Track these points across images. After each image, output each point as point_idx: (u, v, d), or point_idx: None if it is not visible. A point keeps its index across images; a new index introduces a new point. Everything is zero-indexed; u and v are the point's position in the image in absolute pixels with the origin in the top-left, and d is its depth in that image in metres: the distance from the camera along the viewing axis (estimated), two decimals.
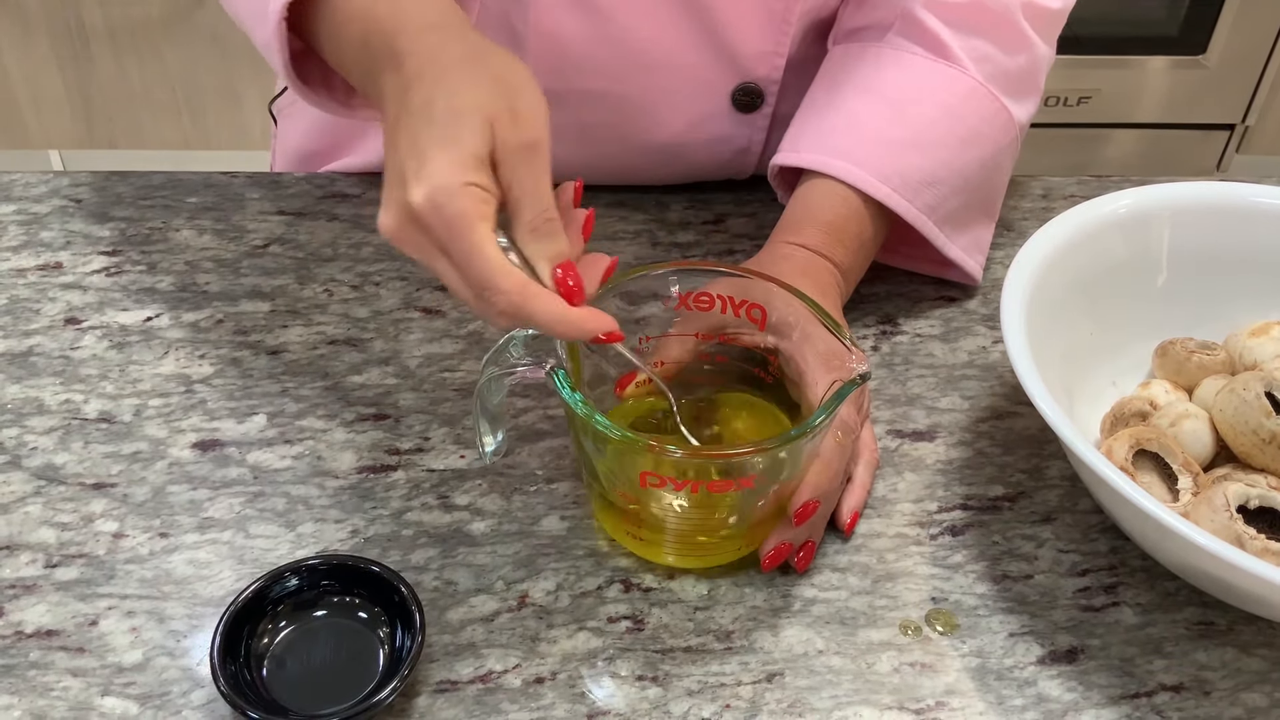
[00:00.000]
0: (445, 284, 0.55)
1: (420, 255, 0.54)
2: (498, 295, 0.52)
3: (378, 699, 0.54)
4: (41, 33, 1.95)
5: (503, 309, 0.53)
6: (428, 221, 0.52)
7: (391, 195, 0.54)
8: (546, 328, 0.53)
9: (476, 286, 0.53)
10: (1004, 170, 0.80)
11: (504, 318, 0.53)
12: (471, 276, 0.52)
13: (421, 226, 0.53)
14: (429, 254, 0.54)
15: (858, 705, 0.58)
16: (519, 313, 0.52)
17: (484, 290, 0.52)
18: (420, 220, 0.52)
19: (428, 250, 0.54)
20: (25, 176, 0.87)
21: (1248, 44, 1.91)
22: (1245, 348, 0.70)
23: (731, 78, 0.81)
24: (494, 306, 0.53)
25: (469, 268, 0.52)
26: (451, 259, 0.53)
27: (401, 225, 0.53)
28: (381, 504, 0.66)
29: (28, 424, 0.69)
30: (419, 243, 0.54)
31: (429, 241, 0.53)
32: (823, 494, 0.61)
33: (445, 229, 0.52)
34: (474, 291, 0.53)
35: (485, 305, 0.53)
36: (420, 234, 0.53)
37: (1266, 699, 0.59)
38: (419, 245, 0.54)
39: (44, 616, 0.60)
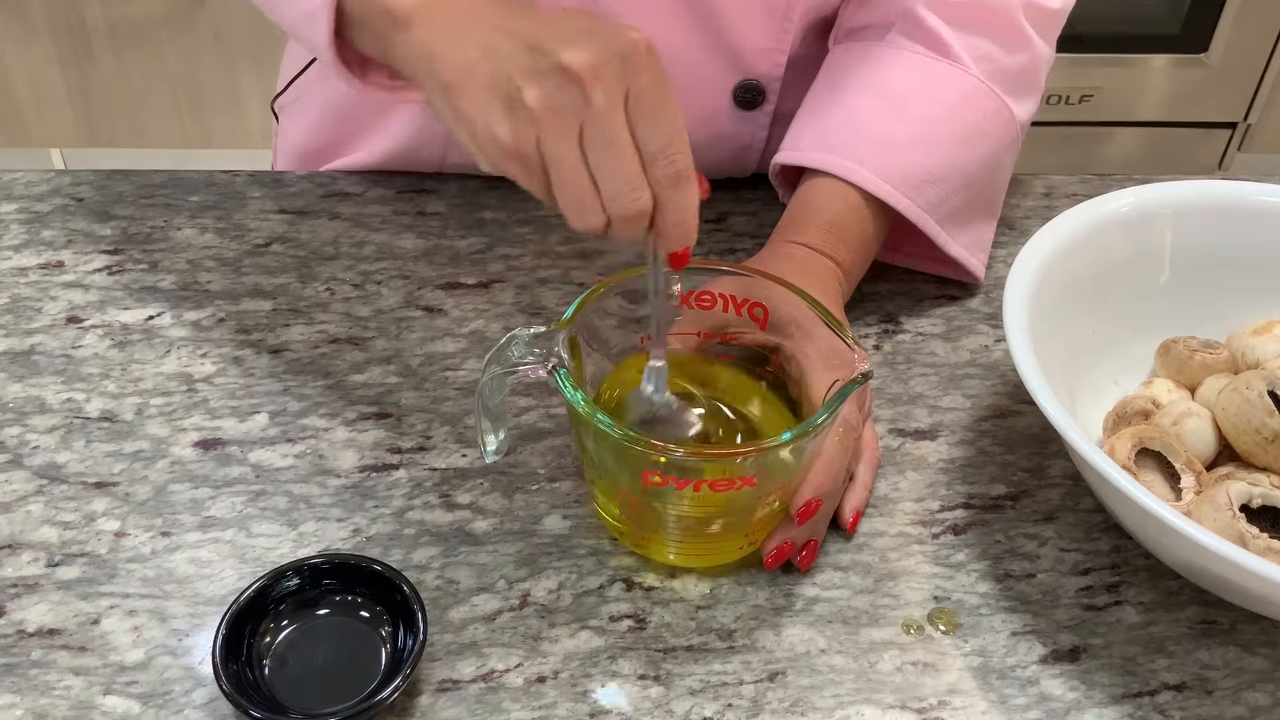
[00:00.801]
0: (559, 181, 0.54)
1: (606, 97, 0.52)
2: (677, 150, 0.53)
3: (380, 698, 0.54)
4: (43, 31, 1.95)
5: (676, 171, 0.53)
6: (644, 63, 0.52)
7: (601, 34, 0.52)
8: (679, 218, 0.54)
9: (666, 135, 0.52)
10: (1005, 168, 0.80)
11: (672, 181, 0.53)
12: (664, 123, 0.52)
13: (633, 67, 0.52)
14: (613, 101, 0.52)
15: (860, 704, 0.58)
16: (682, 180, 0.53)
17: (672, 139, 0.52)
18: (638, 60, 0.52)
19: (614, 96, 0.52)
20: (27, 175, 0.87)
21: (1249, 42, 1.91)
22: (1248, 346, 0.70)
23: (733, 75, 0.81)
24: (670, 165, 0.53)
25: (664, 113, 0.52)
26: (642, 111, 0.52)
27: (611, 60, 0.52)
28: (383, 503, 0.66)
29: (29, 423, 0.69)
30: (612, 84, 0.52)
31: (621, 86, 0.52)
32: (825, 493, 0.61)
33: (659, 73, 0.52)
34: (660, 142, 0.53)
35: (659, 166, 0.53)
36: (623, 74, 0.52)
37: (1269, 698, 0.59)
38: (612, 86, 0.52)
39: (46, 615, 0.60)
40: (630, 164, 0.53)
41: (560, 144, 0.53)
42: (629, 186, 0.53)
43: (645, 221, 0.54)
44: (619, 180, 0.53)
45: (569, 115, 0.52)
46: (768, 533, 0.62)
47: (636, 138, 0.53)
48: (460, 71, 0.55)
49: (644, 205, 0.54)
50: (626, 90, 0.52)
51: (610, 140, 0.53)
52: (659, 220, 0.55)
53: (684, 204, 0.54)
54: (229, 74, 2.00)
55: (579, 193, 0.54)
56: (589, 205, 0.54)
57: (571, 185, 0.54)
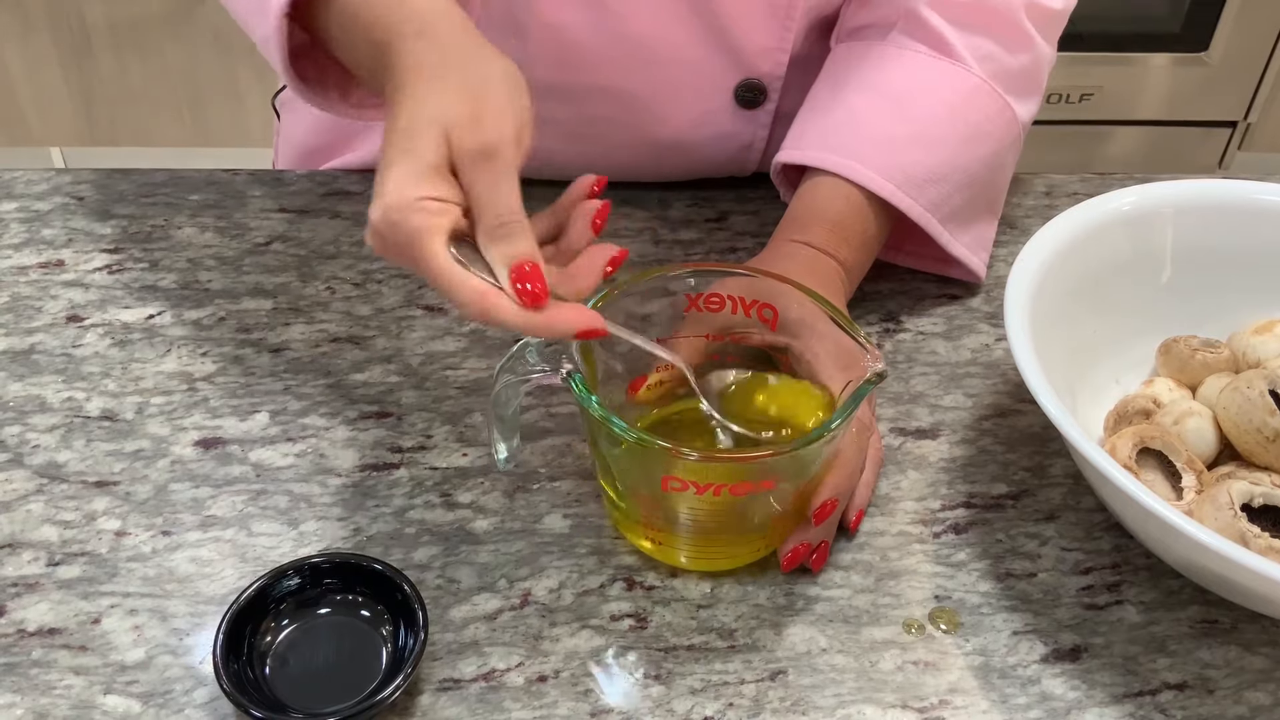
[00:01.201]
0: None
1: (398, 263, 0.55)
2: (461, 307, 0.53)
3: (380, 697, 0.54)
4: (43, 30, 1.94)
5: (470, 317, 0.54)
6: (387, 237, 0.53)
7: (369, 212, 0.55)
8: (519, 330, 0.53)
9: (443, 297, 0.54)
10: (1007, 168, 0.80)
11: (480, 322, 0.54)
12: (435, 288, 0.53)
13: (386, 242, 0.54)
14: (404, 266, 0.55)
15: (861, 704, 0.58)
16: (486, 320, 0.53)
17: (449, 300, 0.53)
18: (382, 236, 0.53)
19: (401, 263, 0.54)
20: (27, 174, 0.86)
21: (1250, 41, 1.91)
22: (1249, 345, 0.70)
23: (735, 74, 0.80)
24: (465, 316, 0.54)
25: (429, 281, 0.53)
26: (416, 272, 0.54)
27: (372, 241, 0.54)
28: (384, 502, 0.66)
29: (30, 422, 0.69)
30: (391, 256, 0.54)
31: (397, 256, 0.54)
32: (841, 493, 0.61)
33: (402, 244, 0.53)
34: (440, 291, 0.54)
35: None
36: (387, 249, 0.54)
37: (1270, 697, 0.59)
38: (392, 258, 0.55)
39: (46, 615, 0.60)
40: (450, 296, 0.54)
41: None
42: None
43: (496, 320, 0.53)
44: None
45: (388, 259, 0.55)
46: (782, 535, 0.62)
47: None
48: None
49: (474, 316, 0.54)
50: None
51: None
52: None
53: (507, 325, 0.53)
54: (229, 72, 2.00)
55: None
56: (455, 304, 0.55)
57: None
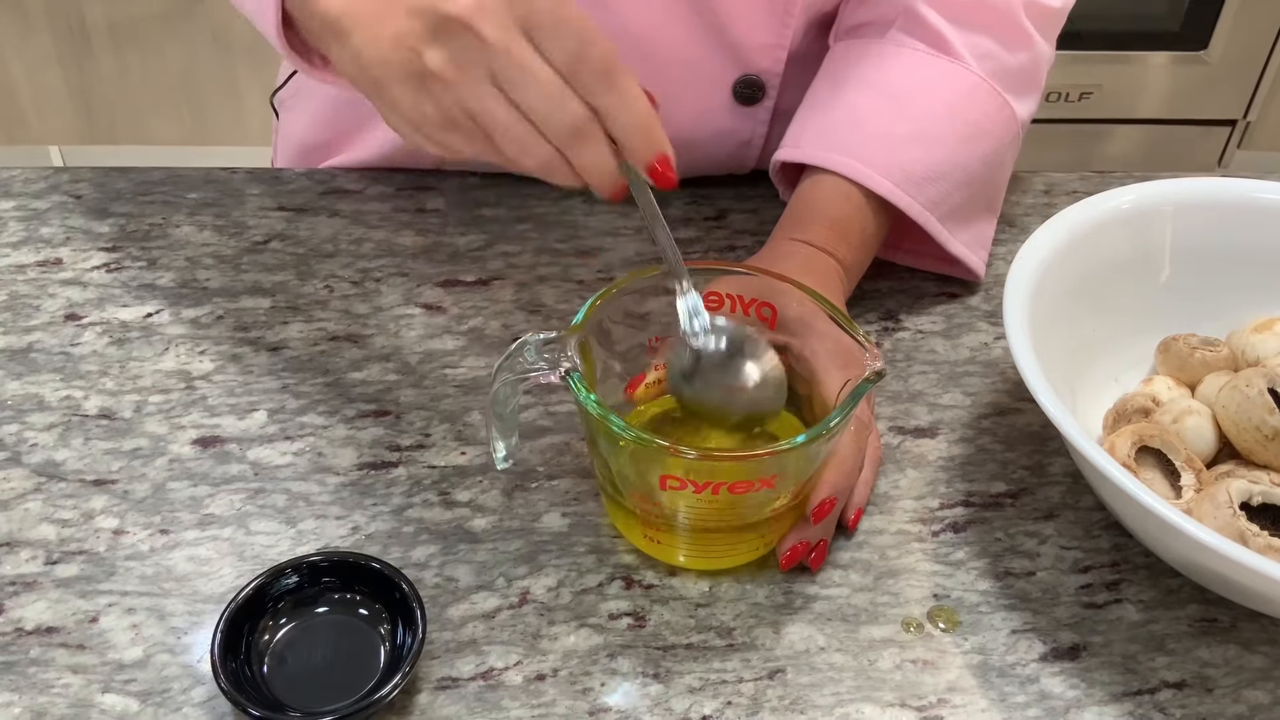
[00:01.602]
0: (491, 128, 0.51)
1: (498, 29, 0.50)
2: (599, 50, 0.50)
3: (379, 696, 0.54)
4: (42, 29, 1.94)
5: (601, 71, 0.50)
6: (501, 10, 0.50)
7: (415, 29, 0.51)
8: (633, 114, 0.51)
9: (574, 41, 0.50)
10: (1006, 166, 0.80)
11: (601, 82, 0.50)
12: (568, 29, 0.50)
13: (476, 33, 0.50)
14: (507, 32, 0.50)
15: (859, 702, 0.58)
16: (613, 78, 0.50)
17: (583, 44, 0.50)
18: (483, 17, 0.50)
19: (506, 26, 0.50)
20: (25, 172, 0.86)
21: (1249, 40, 1.91)
22: (1248, 344, 0.70)
23: (733, 70, 0.80)
24: (590, 68, 0.50)
25: (563, 21, 0.50)
26: (543, 30, 0.50)
27: (444, 43, 0.51)
28: (382, 500, 0.66)
29: (28, 420, 0.69)
30: (500, 15, 0.50)
31: (510, 13, 0.50)
32: (840, 491, 0.61)
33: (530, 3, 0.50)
34: (570, 49, 0.50)
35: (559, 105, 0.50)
36: (472, 50, 0.50)
37: (1269, 696, 0.59)
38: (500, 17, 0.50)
39: (44, 613, 0.60)
40: (546, 81, 0.50)
41: (475, 97, 0.51)
42: (552, 102, 0.51)
43: (590, 140, 0.51)
44: (540, 101, 0.51)
45: (472, 64, 0.51)
46: (781, 534, 0.62)
47: (548, 57, 0.51)
48: (381, 65, 0.53)
49: (575, 116, 0.51)
50: (518, 16, 0.50)
51: (519, 67, 0.50)
52: (613, 132, 0.52)
53: (627, 104, 0.51)
54: (228, 71, 2.00)
55: (515, 133, 0.51)
56: (530, 142, 0.52)
57: (506, 130, 0.51)
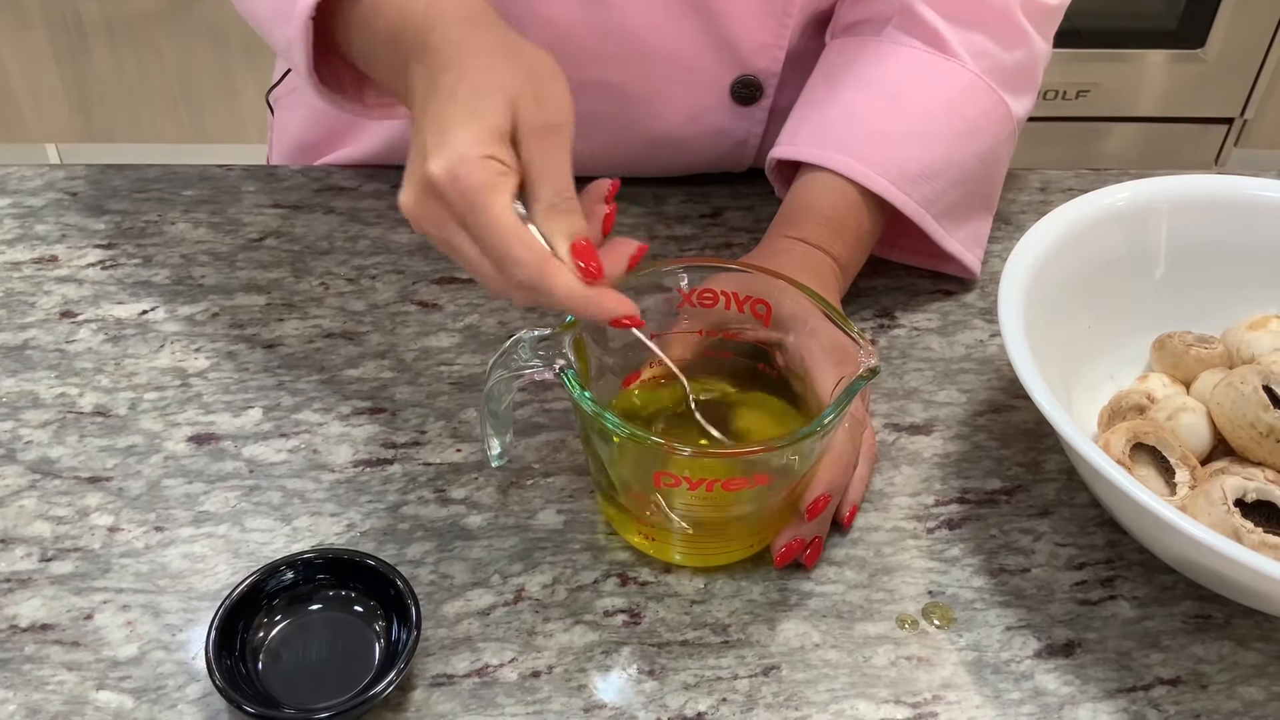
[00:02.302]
0: (464, 264, 0.54)
1: (438, 231, 0.53)
2: (516, 267, 0.52)
3: (374, 693, 0.54)
4: (39, 26, 1.94)
5: (521, 280, 0.52)
6: (446, 193, 0.52)
7: (412, 171, 0.53)
8: (565, 303, 0.53)
9: (496, 258, 0.52)
10: (1002, 164, 0.80)
11: (523, 291, 0.53)
12: (490, 247, 0.52)
13: (440, 199, 0.52)
14: (447, 229, 0.53)
15: (854, 699, 0.58)
16: (538, 284, 0.52)
17: (503, 261, 0.52)
18: (439, 192, 0.52)
19: (446, 225, 0.53)
20: (20, 169, 0.86)
21: (1246, 38, 1.91)
22: (1243, 341, 0.70)
23: (731, 70, 0.80)
24: (513, 278, 0.52)
25: (487, 238, 0.52)
26: (470, 231, 0.52)
27: (420, 199, 0.53)
28: (377, 498, 0.66)
29: (23, 417, 0.69)
30: (437, 217, 0.53)
31: (447, 215, 0.53)
32: (835, 488, 0.61)
33: (463, 199, 0.52)
34: (493, 264, 0.53)
35: (504, 279, 0.53)
36: (439, 207, 0.53)
37: (1264, 692, 0.59)
38: (437, 220, 0.53)
39: (39, 610, 0.60)
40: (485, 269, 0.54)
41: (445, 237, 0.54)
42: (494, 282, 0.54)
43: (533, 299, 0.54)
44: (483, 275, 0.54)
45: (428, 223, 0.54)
46: (776, 531, 0.62)
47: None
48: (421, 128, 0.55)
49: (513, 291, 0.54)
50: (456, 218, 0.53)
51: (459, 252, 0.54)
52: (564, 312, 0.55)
53: (564, 300, 0.53)
54: (224, 68, 2.00)
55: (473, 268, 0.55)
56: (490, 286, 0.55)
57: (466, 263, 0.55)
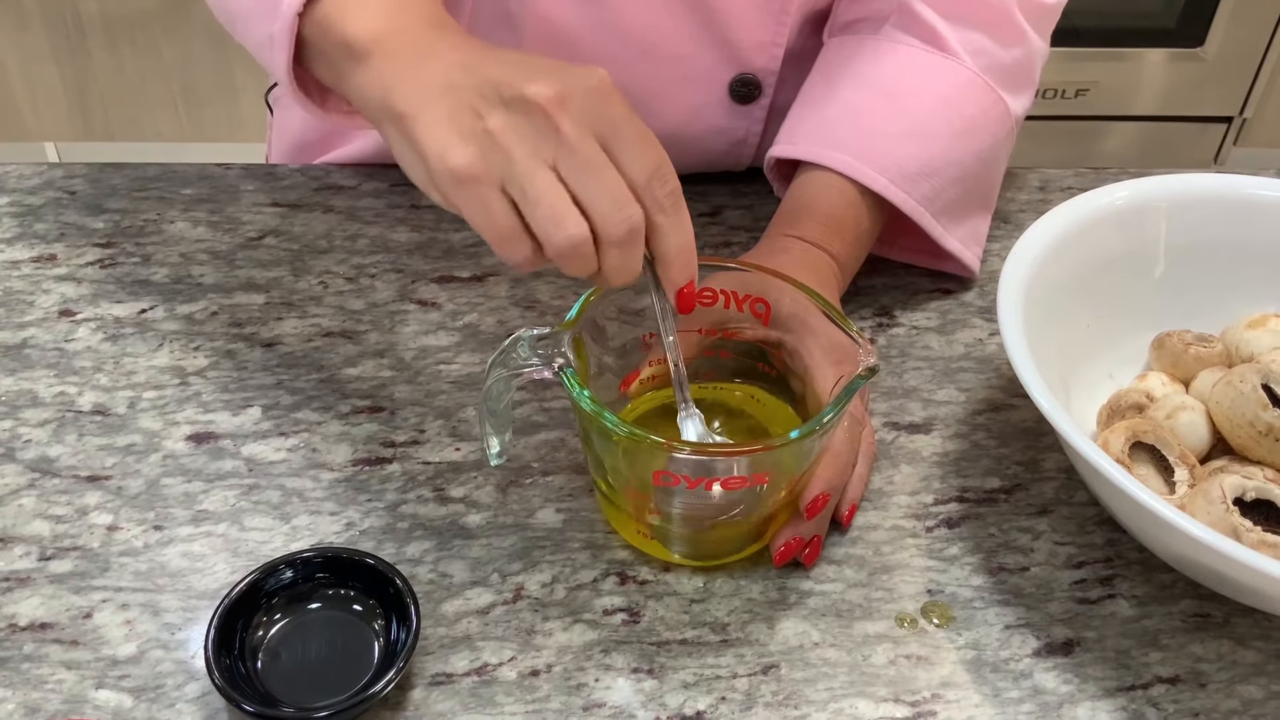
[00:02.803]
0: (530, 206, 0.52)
1: (575, 125, 0.51)
2: (670, 173, 0.52)
3: (373, 692, 0.54)
4: (38, 25, 1.94)
5: (673, 190, 0.53)
6: (613, 96, 0.52)
7: (565, 71, 0.52)
8: (680, 243, 0.54)
9: (654, 159, 0.52)
10: (1001, 162, 0.80)
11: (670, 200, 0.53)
12: (649, 148, 0.52)
13: (601, 99, 0.52)
14: (583, 130, 0.51)
15: (853, 697, 0.58)
16: (680, 201, 0.53)
17: (661, 163, 0.52)
18: (605, 93, 0.52)
19: (583, 125, 0.51)
20: (19, 168, 0.86)
21: (1246, 36, 1.91)
22: (1242, 340, 0.70)
23: (729, 69, 0.80)
24: (666, 186, 0.53)
25: (646, 139, 0.52)
26: (624, 141, 0.52)
27: (577, 92, 0.51)
28: (377, 496, 0.66)
29: (21, 416, 0.69)
30: (580, 114, 0.51)
31: (590, 117, 0.51)
32: (833, 487, 0.61)
33: (629, 107, 0.52)
34: (650, 164, 0.52)
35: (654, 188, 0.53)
36: (591, 105, 0.51)
37: (1262, 691, 0.59)
38: (580, 116, 0.51)
39: (38, 609, 0.60)
40: (613, 180, 0.51)
41: (529, 167, 0.51)
42: (618, 202, 0.51)
43: (636, 246, 0.53)
44: (606, 198, 0.51)
45: (536, 141, 0.51)
46: (775, 529, 0.62)
47: (620, 164, 0.52)
48: (416, 102, 0.53)
49: (635, 221, 0.52)
50: (597, 123, 0.52)
51: (586, 163, 0.51)
52: (661, 248, 0.54)
53: (683, 228, 0.53)
54: (223, 67, 2.00)
55: (555, 206, 0.51)
56: (568, 217, 0.51)
57: (545, 200, 0.51)
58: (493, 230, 0.52)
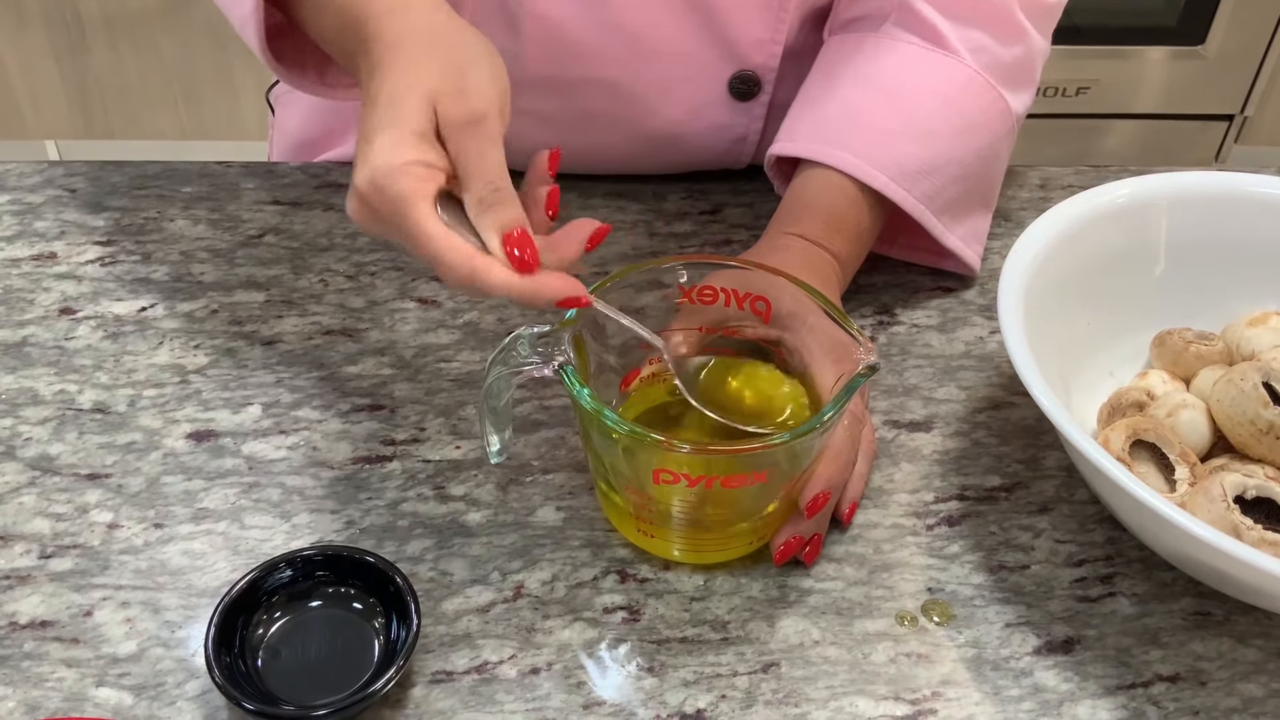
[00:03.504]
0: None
1: (381, 235, 0.56)
2: (446, 270, 0.53)
3: (373, 690, 0.54)
4: (38, 23, 1.94)
5: (454, 282, 0.54)
6: (373, 203, 0.54)
7: (351, 179, 0.55)
8: (506, 295, 0.54)
9: (427, 263, 0.54)
10: (1001, 160, 0.80)
11: (465, 290, 0.55)
12: (419, 255, 0.54)
13: (370, 208, 0.54)
14: (387, 234, 0.55)
15: (853, 696, 0.58)
16: (472, 284, 0.53)
17: (435, 266, 0.54)
18: (367, 202, 0.54)
19: (385, 230, 0.55)
20: (20, 166, 0.86)
21: (1247, 34, 1.91)
22: (1243, 338, 0.70)
23: (729, 66, 0.80)
24: (447, 281, 0.54)
25: (415, 247, 0.54)
26: (399, 239, 0.55)
27: (355, 209, 0.55)
28: (377, 494, 0.66)
29: (22, 414, 0.69)
30: (373, 225, 0.55)
31: (381, 222, 0.55)
32: (834, 485, 0.61)
33: (388, 209, 0.53)
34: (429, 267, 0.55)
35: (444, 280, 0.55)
36: (372, 216, 0.55)
37: (1263, 689, 0.59)
38: (375, 227, 0.55)
39: (38, 607, 0.60)
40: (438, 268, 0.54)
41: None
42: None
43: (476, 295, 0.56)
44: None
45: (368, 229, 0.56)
46: (775, 528, 0.62)
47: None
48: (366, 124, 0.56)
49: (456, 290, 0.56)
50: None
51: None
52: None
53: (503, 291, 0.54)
54: (224, 65, 2.00)
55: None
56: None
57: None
58: None
